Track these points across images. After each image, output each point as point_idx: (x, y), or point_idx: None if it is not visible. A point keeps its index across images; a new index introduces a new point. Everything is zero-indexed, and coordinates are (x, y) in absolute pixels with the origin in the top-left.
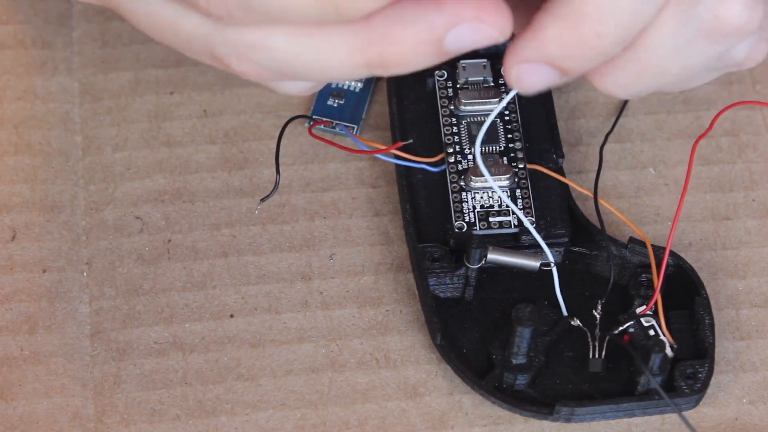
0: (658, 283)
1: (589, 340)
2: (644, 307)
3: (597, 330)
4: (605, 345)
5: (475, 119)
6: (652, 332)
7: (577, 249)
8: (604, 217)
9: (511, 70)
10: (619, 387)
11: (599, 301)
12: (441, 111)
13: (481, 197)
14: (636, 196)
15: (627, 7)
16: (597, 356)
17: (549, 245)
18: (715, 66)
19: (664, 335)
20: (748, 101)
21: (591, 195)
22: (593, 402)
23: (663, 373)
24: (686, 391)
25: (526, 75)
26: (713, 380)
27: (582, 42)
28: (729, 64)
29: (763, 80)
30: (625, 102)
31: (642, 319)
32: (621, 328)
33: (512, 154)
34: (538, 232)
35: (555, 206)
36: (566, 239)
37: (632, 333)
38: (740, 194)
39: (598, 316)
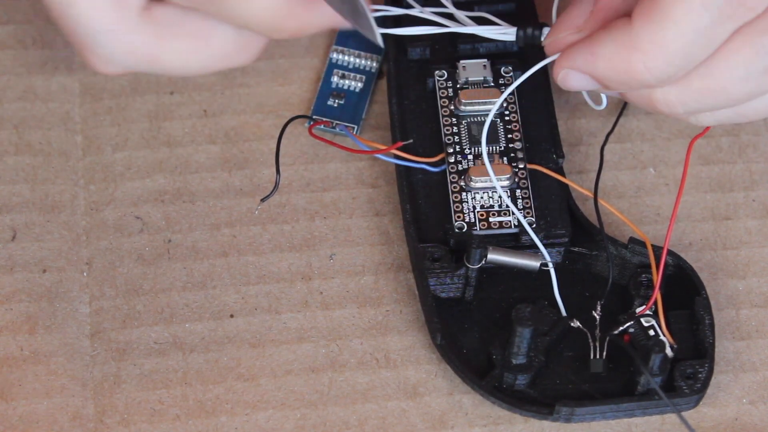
0: (657, 283)
1: (590, 341)
2: (644, 307)
3: (597, 330)
4: (606, 345)
5: (475, 119)
6: (652, 332)
7: (576, 249)
8: (604, 217)
9: (560, 71)
10: (619, 387)
11: (599, 302)
12: (441, 111)
13: (482, 197)
14: (636, 196)
15: (680, 49)
16: (598, 357)
17: (549, 245)
18: None
19: (664, 335)
20: None
21: (591, 195)
22: (593, 402)
23: (663, 373)
24: (686, 391)
25: (571, 79)
26: (713, 380)
27: (629, 70)
28: None
29: None
30: (626, 102)
31: (642, 319)
32: (621, 328)
33: (512, 154)
34: (538, 232)
35: (555, 206)
36: (566, 239)
37: (632, 333)
38: (740, 194)
39: (597, 317)
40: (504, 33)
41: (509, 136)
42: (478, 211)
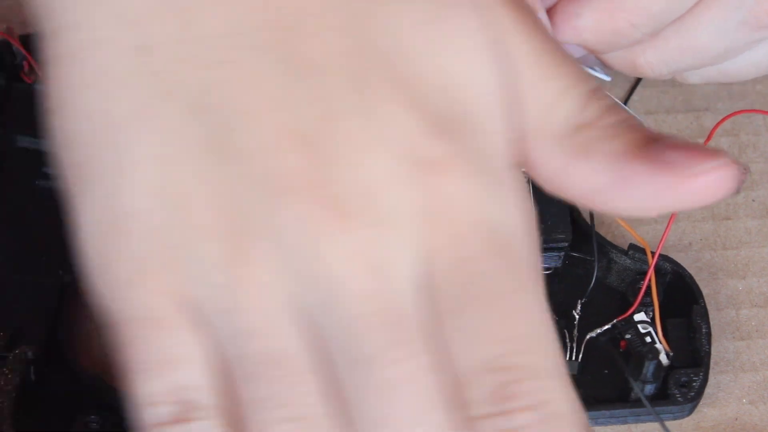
0: (643, 287)
1: (567, 341)
2: (642, 313)
3: (575, 331)
4: (583, 347)
5: None
6: (648, 339)
7: (577, 255)
8: (604, 218)
9: None
10: (615, 393)
11: (579, 301)
12: None
13: None
14: None
15: (663, 7)
16: (573, 359)
17: (549, 249)
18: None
19: (660, 342)
20: (748, 110)
21: None
22: (585, 407)
23: (657, 380)
24: (679, 399)
25: None
26: (713, 380)
27: (616, 31)
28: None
29: (764, 80)
30: (628, 99)
31: (639, 326)
32: (599, 331)
33: None
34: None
35: (556, 210)
36: (566, 244)
37: (629, 339)
38: (740, 194)
39: (577, 316)
40: None
41: None
42: None
